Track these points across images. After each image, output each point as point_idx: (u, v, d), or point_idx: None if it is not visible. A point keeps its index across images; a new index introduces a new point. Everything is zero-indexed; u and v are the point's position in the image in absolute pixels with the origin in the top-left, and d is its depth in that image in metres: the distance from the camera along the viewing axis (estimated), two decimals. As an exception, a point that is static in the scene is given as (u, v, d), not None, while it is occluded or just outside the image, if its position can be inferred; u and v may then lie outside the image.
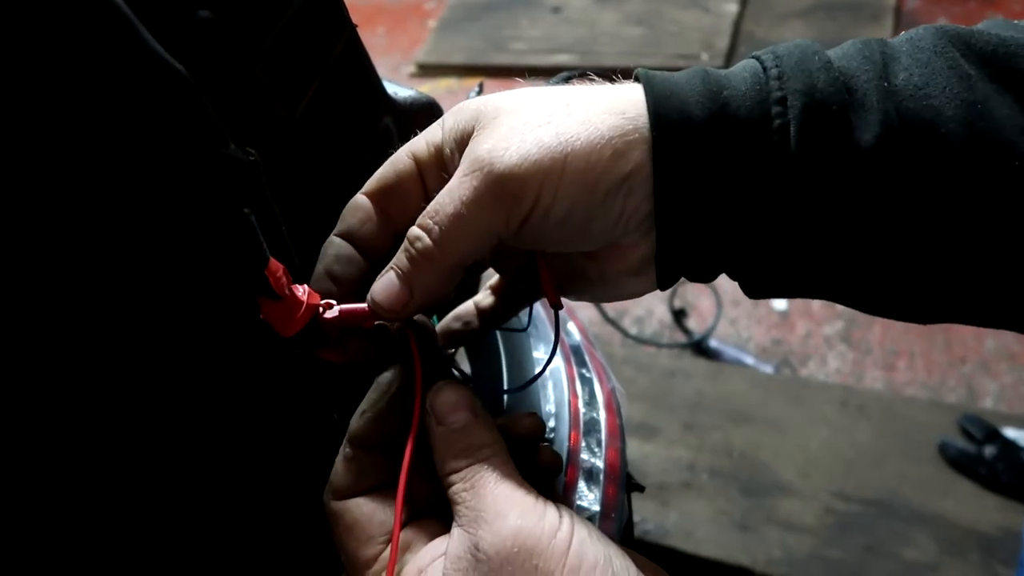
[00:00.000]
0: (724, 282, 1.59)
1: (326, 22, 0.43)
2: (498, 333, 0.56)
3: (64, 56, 0.25)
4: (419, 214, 0.36)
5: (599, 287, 0.40)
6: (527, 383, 0.49)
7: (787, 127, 0.32)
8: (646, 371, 1.38)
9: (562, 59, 2.24)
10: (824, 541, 1.11)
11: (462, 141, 0.36)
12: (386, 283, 0.36)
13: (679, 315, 1.57)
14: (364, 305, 0.37)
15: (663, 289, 0.38)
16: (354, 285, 0.38)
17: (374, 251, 0.38)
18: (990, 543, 1.07)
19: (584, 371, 0.54)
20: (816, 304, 1.56)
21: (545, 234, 0.35)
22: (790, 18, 2.21)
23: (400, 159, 0.38)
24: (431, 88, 2.39)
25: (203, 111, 0.27)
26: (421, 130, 0.39)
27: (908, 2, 2.22)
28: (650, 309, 1.62)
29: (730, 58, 2.13)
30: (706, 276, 0.37)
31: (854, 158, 0.32)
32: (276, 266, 0.32)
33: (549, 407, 0.51)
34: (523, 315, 0.47)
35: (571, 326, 0.58)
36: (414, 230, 0.35)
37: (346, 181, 0.46)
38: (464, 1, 2.60)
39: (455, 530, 0.33)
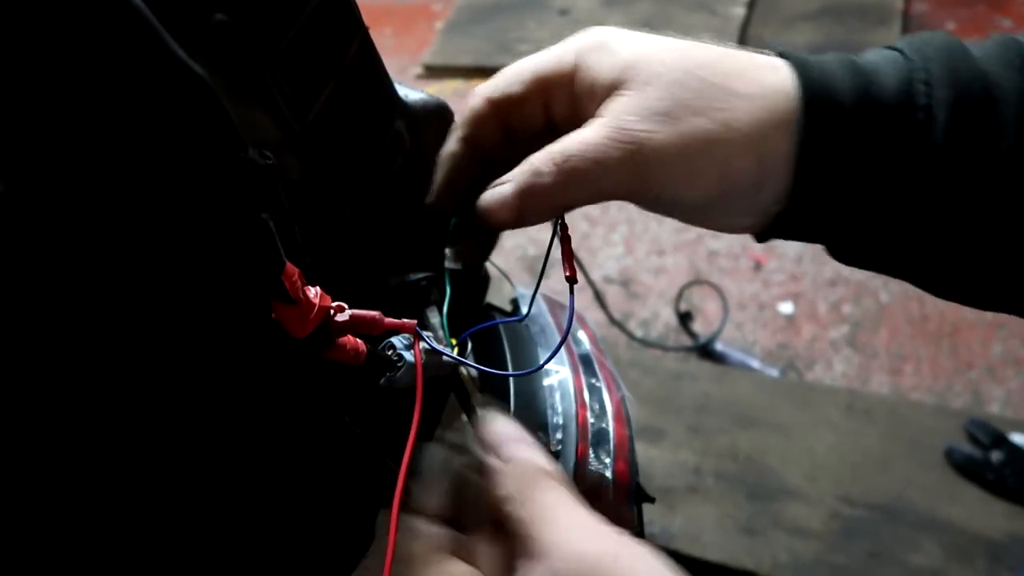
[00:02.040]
0: (730, 285, 1.59)
1: (340, 25, 0.43)
2: (504, 337, 0.56)
3: (85, 60, 0.25)
4: (537, 129, 0.38)
5: (692, 223, 0.40)
6: (540, 365, 0.49)
7: (933, 135, 0.33)
8: (652, 374, 1.37)
9: (569, 61, 2.24)
10: (830, 546, 1.10)
11: (603, 90, 0.36)
12: (501, 196, 0.37)
13: (685, 318, 1.57)
14: (375, 313, 0.38)
15: (760, 242, 0.39)
16: (468, 198, 0.40)
17: (492, 159, 0.39)
18: (997, 549, 1.07)
19: (593, 381, 0.53)
20: (822, 308, 1.56)
21: (667, 210, 0.36)
22: (797, 21, 2.21)
23: (525, 77, 0.38)
24: (438, 89, 2.38)
25: (222, 115, 0.27)
26: (434, 135, 0.39)
27: (915, 5, 2.22)
28: (656, 312, 1.62)
29: (737, 61, 2.13)
30: (804, 240, 0.38)
31: (994, 162, 0.33)
32: (292, 270, 0.32)
33: (557, 419, 0.51)
34: (524, 304, 0.47)
35: (581, 334, 0.58)
36: (543, 162, 0.36)
37: (357, 183, 0.46)
38: (471, 3, 2.60)
39: (526, 563, 0.32)
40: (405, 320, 0.39)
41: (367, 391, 0.40)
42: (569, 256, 0.39)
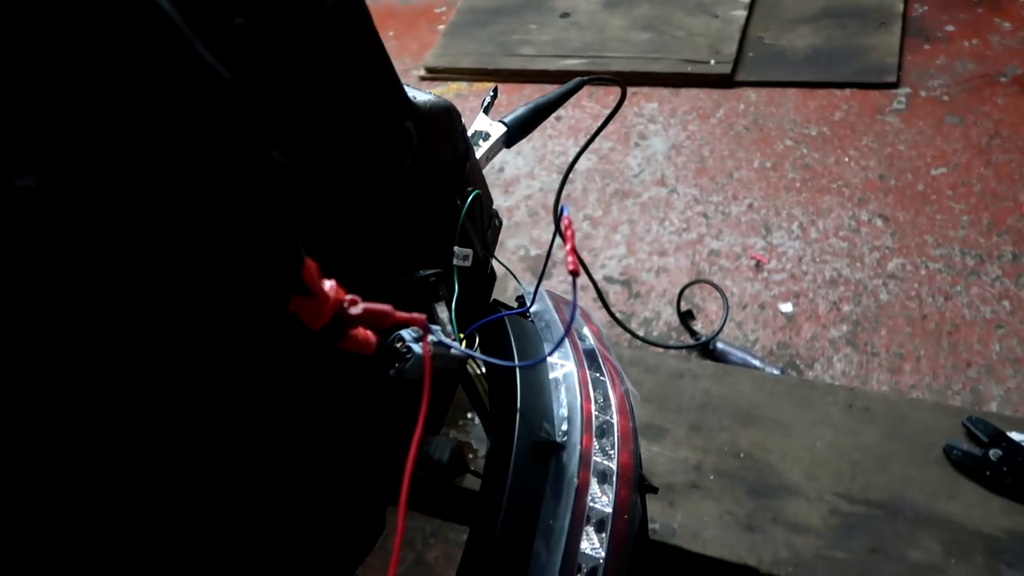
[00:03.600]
0: (731, 285, 1.60)
1: (352, 30, 0.44)
2: (511, 333, 0.57)
3: (118, 63, 0.26)
4: None
5: None
6: (544, 356, 0.50)
7: None
8: (653, 372, 1.38)
9: (571, 63, 2.25)
10: (829, 542, 1.11)
11: None
12: None
13: (686, 317, 1.58)
14: (387, 306, 0.39)
15: None
16: None
17: None
18: (995, 545, 1.08)
19: (598, 375, 0.55)
20: (822, 307, 1.57)
21: None
22: (798, 24, 2.22)
23: None
24: (440, 92, 2.40)
25: (247, 116, 0.29)
26: (441, 135, 0.40)
27: (916, 8, 2.23)
28: (657, 311, 1.63)
29: (737, 63, 2.14)
30: None
31: None
32: (310, 264, 0.33)
33: (562, 411, 0.52)
34: (529, 301, 0.48)
35: (586, 331, 0.60)
36: None
37: (369, 180, 0.47)
38: (473, 5, 2.61)
39: None
40: (415, 314, 0.40)
41: (379, 383, 0.41)
42: (572, 251, 0.40)
